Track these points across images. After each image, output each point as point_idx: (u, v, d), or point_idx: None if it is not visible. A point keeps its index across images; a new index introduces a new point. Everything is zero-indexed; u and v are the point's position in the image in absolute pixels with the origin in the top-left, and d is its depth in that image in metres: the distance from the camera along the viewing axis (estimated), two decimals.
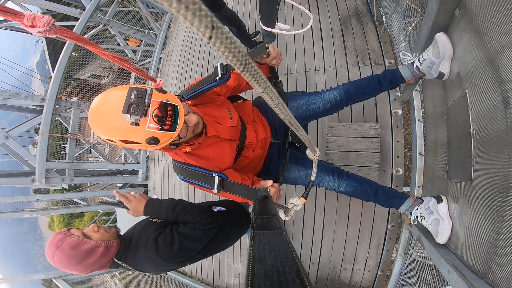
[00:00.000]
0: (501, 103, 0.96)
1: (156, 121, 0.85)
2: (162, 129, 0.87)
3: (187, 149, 1.10)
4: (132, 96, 0.81)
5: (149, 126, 0.85)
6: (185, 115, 0.97)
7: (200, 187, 1.17)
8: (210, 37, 0.27)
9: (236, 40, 0.31)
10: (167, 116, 0.87)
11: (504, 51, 0.95)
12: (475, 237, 1.11)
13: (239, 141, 1.31)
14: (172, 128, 0.89)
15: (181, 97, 1.15)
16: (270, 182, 1.19)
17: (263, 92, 0.45)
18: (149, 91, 0.83)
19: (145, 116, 0.83)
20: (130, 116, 0.81)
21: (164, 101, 0.88)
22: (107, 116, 0.84)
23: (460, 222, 1.25)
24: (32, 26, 0.78)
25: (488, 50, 1.04)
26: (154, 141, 0.88)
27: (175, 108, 0.90)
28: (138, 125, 0.83)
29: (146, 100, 0.82)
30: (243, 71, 0.36)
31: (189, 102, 1.21)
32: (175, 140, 1.00)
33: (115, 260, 1.25)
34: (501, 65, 0.97)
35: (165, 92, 0.93)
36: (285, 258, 0.36)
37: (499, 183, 0.97)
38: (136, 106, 0.80)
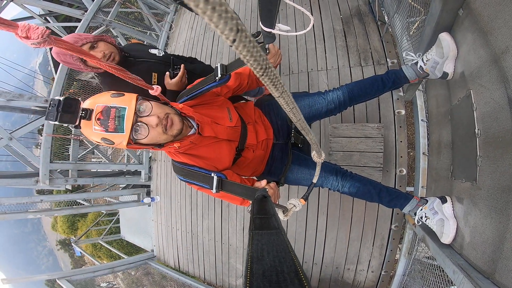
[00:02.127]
0: (507, 103, 0.96)
1: (99, 124, 0.94)
2: (107, 131, 0.94)
3: (176, 145, 1.11)
4: (49, 106, 0.94)
5: (95, 128, 0.95)
6: (144, 116, 0.99)
7: (198, 187, 1.17)
8: (234, 40, 0.27)
9: (257, 44, 0.31)
10: (108, 119, 0.93)
11: (509, 51, 0.94)
12: (480, 237, 1.11)
13: (239, 142, 1.31)
14: (118, 130, 0.94)
15: (165, 102, 1.15)
16: (264, 182, 1.19)
17: (279, 97, 0.45)
18: (62, 100, 0.93)
19: (89, 119, 0.94)
20: (51, 121, 0.94)
21: (109, 105, 0.95)
22: None
23: (465, 222, 1.25)
24: (27, 37, 0.78)
25: (492, 50, 1.04)
26: (108, 141, 0.97)
27: (120, 111, 0.95)
28: (79, 128, 0.96)
29: (60, 109, 0.92)
30: (263, 75, 0.36)
31: (180, 105, 1.20)
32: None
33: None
34: (506, 65, 0.96)
35: (121, 95, 0.99)
36: (284, 258, 0.36)
37: (505, 183, 0.97)
38: (52, 114, 0.93)
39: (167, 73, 1.63)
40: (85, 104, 0.97)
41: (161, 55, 1.71)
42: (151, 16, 4.78)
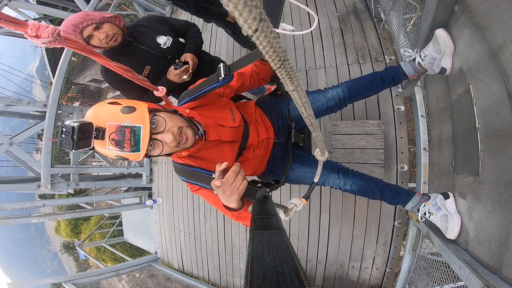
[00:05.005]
0: (506, 97, 0.96)
1: (114, 144, 0.88)
2: (122, 151, 0.89)
3: (184, 153, 1.11)
4: (62, 134, 0.85)
5: (109, 148, 0.88)
6: (159, 133, 0.96)
7: (198, 189, 1.17)
8: (256, 30, 0.26)
9: (277, 35, 0.30)
10: (124, 139, 0.88)
11: (506, 45, 0.94)
12: (485, 232, 1.11)
13: (241, 141, 1.30)
14: (134, 150, 0.90)
15: (174, 111, 1.09)
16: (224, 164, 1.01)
17: (293, 90, 0.45)
18: (76, 127, 0.83)
19: (103, 139, 0.88)
20: (67, 150, 0.88)
21: (122, 125, 0.88)
22: None
23: (469, 217, 1.24)
24: (37, 36, 0.78)
25: (490, 45, 1.03)
26: (122, 158, 0.93)
27: (135, 130, 0.89)
28: (94, 149, 0.90)
29: (74, 137, 0.84)
30: (280, 67, 0.35)
31: (187, 110, 1.18)
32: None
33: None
34: (504, 59, 0.96)
35: (133, 110, 0.92)
36: (284, 258, 0.36)
37: (508, 177, 0.96)
38: (66, 142, 0.85)
39: (172, 67, 1.68)
40: (90, 117, 0.90)
41: (166, 47, 1.69)
42: None
